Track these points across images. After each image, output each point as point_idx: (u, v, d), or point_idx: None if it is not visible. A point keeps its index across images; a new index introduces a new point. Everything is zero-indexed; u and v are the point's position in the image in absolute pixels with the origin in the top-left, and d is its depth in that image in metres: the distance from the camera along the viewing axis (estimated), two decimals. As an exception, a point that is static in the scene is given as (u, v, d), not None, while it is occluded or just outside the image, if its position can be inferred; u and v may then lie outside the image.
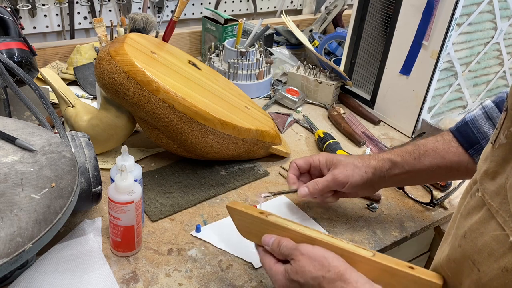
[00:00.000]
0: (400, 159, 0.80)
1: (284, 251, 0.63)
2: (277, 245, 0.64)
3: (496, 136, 0.50)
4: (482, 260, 0.49)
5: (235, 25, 1.43)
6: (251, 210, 0.69)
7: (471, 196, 0.54)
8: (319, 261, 0.59)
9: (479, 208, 0.51)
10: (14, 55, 0.91)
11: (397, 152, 0.81)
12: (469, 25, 1.07)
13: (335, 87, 1.28)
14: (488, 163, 0.51)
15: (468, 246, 0.52)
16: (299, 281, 0.60)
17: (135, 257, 0.76)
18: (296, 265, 0.60)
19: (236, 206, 0.70)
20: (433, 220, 0.91)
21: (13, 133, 0.70)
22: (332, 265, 0.58)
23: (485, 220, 0.50)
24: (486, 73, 1.22)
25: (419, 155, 0.79)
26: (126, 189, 0.69)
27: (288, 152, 1.05)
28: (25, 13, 1.29)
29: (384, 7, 1.17)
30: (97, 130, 0.92)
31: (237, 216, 0.70)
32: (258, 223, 0.68)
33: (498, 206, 0.48)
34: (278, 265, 0.64)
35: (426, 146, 0.80)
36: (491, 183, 0.50)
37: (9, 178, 0.62)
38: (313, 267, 0.59)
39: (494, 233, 0.48)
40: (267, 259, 0.65)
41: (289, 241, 0.64)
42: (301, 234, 0.64)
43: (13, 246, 0.54)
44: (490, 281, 0.48)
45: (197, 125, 0.87)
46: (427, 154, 0.79)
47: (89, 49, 1.29)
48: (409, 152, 0.80)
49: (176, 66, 0.97)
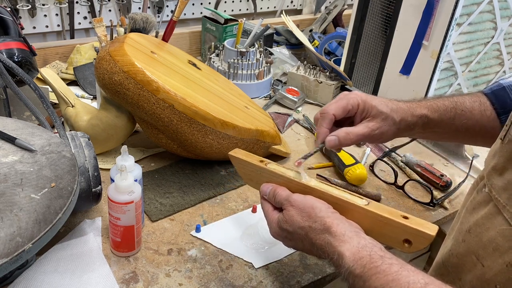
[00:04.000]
0: (436, 116, 0.74)
1: (278, 200, 0.64)
2: (273, 194, 0.65)
3: (505, 132, 0.51)
4: (487, 255, 0.49)
5: (235, 25, 1.43)
6: (251, 158, 0.70)
7: (478, 192, 0.54)
8: (307, 211, 0.60)
9: (486, 203, 0.51)
10: (14, 55, 0.91)
11: (435, 108, 0.74)
12: (469, 25, 1.07)
13: (335, 87, 1.28)
14: (497, 159, 0.51)
15: (473, 241, 0.52)
16: (288, 230, 0.61)
17: (135, 257, 0.76)
18: (286, 214, 0.62)
19: (237, 154, 0.71)
20: (433, 220, 0.91)
21: (13, 133, 0.70)
22: (319, 216, 0.59)
23: (492, 215, 0.50)
24: (486, 73, 1.22)
25: (455, 114, 0.74)
26: (126, 189, 0.69)
27: (288, 152, 1.05)
28: (25, 13, 1.29)
29: (384, 7, 1.17)
30: (97, 130, 0.92)
31: (239, 164, 0.72)
32: (258, 171, 0.69)
33: (506, 202, 0.48)
34: (274, 213, 0.65)
35: (464, 105, 0.74)
36: (499, 179, 0.50)
37: (9, 178, 0.62)
38: (300, 218, 0.60)
39: (500, 228, 0.48)
40: (265, 206, 0.67)
41: (283, 190, 0.65)
42: (296, 182, 0.65)
43: (13, 246, 0.54)
44: (494, 276, 0.48)
45: (197, 125, 0.87)
46: (463, 114, 0.74)
47: (89, 49, 1.29)
48: (446, 110, 0.74)
49: (176, 66, 0.97)
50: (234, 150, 0.73)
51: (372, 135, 0.70)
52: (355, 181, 0.96)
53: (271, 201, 0.66)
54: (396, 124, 0.72)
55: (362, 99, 0.71)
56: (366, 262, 0.52)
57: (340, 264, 0.54)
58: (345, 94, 0.73)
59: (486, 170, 0.53)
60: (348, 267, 0.53)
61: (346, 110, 0.71)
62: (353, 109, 0.71)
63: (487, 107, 0.74)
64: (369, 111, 0.71)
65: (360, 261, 0.52)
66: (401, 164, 1.06)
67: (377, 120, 0.71)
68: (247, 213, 0.87)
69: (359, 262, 0.52)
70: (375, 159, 1.06)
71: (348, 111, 0.71)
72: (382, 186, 0.99)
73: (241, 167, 0.72)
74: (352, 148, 1.11)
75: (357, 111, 0.71)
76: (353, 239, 0.55)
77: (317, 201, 0.61)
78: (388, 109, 0.71)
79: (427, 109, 0.74)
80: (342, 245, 0.55)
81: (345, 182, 0.97)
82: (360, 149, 1.11)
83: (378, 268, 0.50)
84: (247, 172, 0.72)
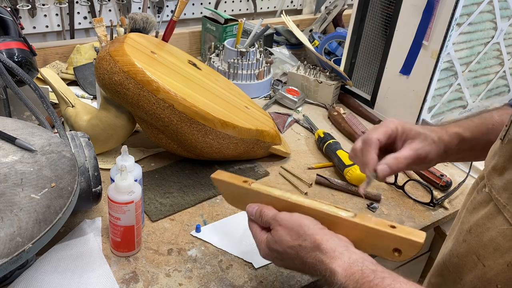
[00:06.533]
0: (469, 135, 0.72)
1: (265, 220, 0.64)
2: (259, 214, 0.65)
3: (505, 132, 0.51)
4: (488, 255, 0.49)
5: (235, 25, 1.43)
6: (235, 180, 0.69)
7: (478, 192, 0.54)
8: (296, 230, 0.59)
9: (486, 203, 0.51)
10: (14, 55, 0.91)
11: (466, 127, 0.73)
12: (469, 25, 1.07)
13: (335, 87, 1.28)
14: (497, 159, 0.51)
15: (473, 241, 0.52)
16: (278, 250, 0.60)
17: (135, 257, 0.76)
18: (275, 234, 0.61)
19: (220, 176, 0.71)
20: (433, 220, 0.91)
21: (13, 133, 0.70)
22: (308, 234, 0.58)
23: (492, 215, 0.50)
24: (486, 73, 1.22)
25: (487, 130, 0.72)
26: (126, 189, 0.69)
27: (288, 152, 1.05)
28: (25, 13, 1.29)
29: (384, 7, 1.17)
30: (97, 130, 0.92)
31: (222, 186, 0.71)
32: (243, 191, 0.68)
33: (506, 201, 0.48)
34: (262, 233, 0.64)
35: (493, 120, 0.72)
36: (499, 179, 0.50)
37: (9, 178, 0.62)
38: (290, 237, 0.59)
39: (500, 228, 0.48)
40: (253, 228, 0.66)
41: (269, 210, 0.64)
42: (282, 199, 0.64)
43: (13, 246, 0.54)
44: (495, 276, 0.48)
45: (197, 125, 0.87)
46: (494, 128, 0.71)
47: (89, 49, 1.29)
48: (478, 127, 0.72)
49: (176, 66, 0.97)
50: (216, 172, 0.72)
51: (418, 156, 0.69)
52: (355, 181, 0.96)
53: (258, 222, 0.65)
54: (436, 143, 0.70)
55: (399, 123, 0.71)
56: (358, 277, 0.52)
57: (333, 281, 0.54)
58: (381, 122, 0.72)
59: (486, 170, 0.53)
60: (340, 283, 0.53)
61: (387, 134, 0.70)
62: (393, 132, 0.70)
63: None
64: (408, 133, 0.70)
65: (352, 276, 0.52)
66: (401, 164, 1.05)
67: (419, 141, 0.69)
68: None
69: (351, 278, 0.52)
70: (375, 159, 1.06)
71: (389, 136, 0.70)
72: (382, 186, 0.99)
73: (225, 189, 0.71)
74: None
75: (397, 135, 0.70)
76: (343, 254, 0.55)
77: (305, 218, 0.61)
78: (425, 129, 0.71)
79: (458, 127, 0.72)
80: (334, 261, 0.54)
81: (345, 182, 0.97)
82: (360, 149, 1.11)
83: (371, 282, 0.50)
84: (231, 194, 0.71)
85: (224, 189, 0.71)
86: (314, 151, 1.10)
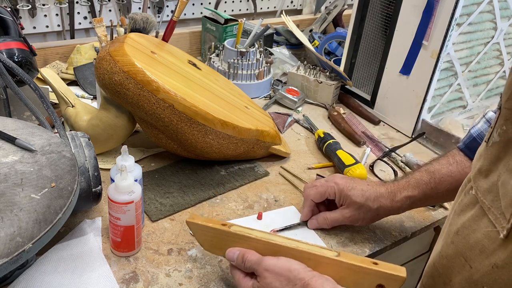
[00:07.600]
0: (417, 193, 0.77)
1: (248, 266, 0.63)
2: (242, 260, 0.64)
3: (489, 135, 0.51)
4: (474, 256, 0.49)
5: (235, 25, 1.43)
6: (212, 223, 0.68)
7: (465, 194, 0.55)
8: (285, 275, 0.59)
9: (472, 205, 0.52)
10: (14, 55, 0.91)
11: (413, 185, 0.78)
12: (469, 25, 1.07)
13: (335, 87, 1.28)
14: (482, 161, 0.51)
15: (461, 242, 0.52)
16: None
17: (135, 257, 0.76)
18: (263, 282, 0.60)
19: (196, 220, 0.69)
20: (433, 220, 0.91)
21: (13, 133, 0.70)
22: (298, 278, 0.59)
23: (478, 217, 0.50)
24: (486, 73, 1.22)
25: (436, 184, 0.77)
26: (126, 189, 0.69)
27: (288, 152, 1.05)
28: (25, 13, 1.29)
29: (384, 7, 1.17)
30: (97, 130, 0.92)
31: (198, 230, 0.69)
32: (221, 235, 0.67)
33: (490, 204, 0.48)
34: (246, 280, 0.64)
35: (441, 172, 0.77)
36: (484, 181, 0.50)
37: (9, 178, 0.62)
38: (279, 283, 0.59)
39: (485, 230, 0.48)
40: (235, 274, 0.65)
41: (253, 255, 0.63)
42: (264, 242, 0.64)
43: (13, 246, 0.54)
44: (481, 277, 0.48)
45: (197, 125, 0.87)
46: (443, 180, 0.77)
47: (89, 49, 1.29)
48: (426, 183, 0.77)
49: (176, 66, 0.97)
50: (191, 216, 0.70)
51: (347, 220, 0.80)
52: (355, 181, 0.96)
53: (241, 267, 0.64)
54: (372, 211, 0.78)
55: (339, 188, 0.79)
56: None
57: None
58: (326, 181, 0.82)
59: (473, 173, 0.53)
60: None
61: (324, 197, 0.81)
62: (330, 196, 0.81)
63: (465, 164, 0.77)
64: (345, 199, 0.79)
65: None
66: (401, 164, 1.06)
67: (351, 209, 0.79)
68: (252, 219, 0.86)
69: None
70: (375, 159, 1.06)
71: (326, 197, 0.81)
72: (382, 186, 0.99)
73: (201, 233, 0.69)
74: (352, 148, 1.11)
75: (336, 198, 0.80)
76: None
77: (293, 262, 0.61)
78: (364, 198, 0.78)
79: (406, 190, 0.78)
80: None
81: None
82: (360, 149, 1.12)
83: None
84: (208, 239, 0.69)
85: (200, 233, 0.69)
86: (314, 151, 1.10)
